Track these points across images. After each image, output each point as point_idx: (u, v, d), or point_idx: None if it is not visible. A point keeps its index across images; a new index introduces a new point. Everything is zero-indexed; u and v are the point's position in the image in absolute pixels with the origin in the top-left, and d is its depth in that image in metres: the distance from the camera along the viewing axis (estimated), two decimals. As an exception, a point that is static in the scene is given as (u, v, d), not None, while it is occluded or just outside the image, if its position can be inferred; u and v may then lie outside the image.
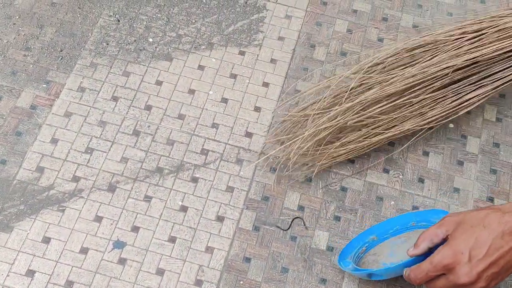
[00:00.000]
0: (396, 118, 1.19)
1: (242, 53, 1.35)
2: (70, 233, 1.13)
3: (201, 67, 1.32)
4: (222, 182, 1.20)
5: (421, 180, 1.24)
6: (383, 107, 1.18)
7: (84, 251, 1.12)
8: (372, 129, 1.19)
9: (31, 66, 1.29)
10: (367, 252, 1.13)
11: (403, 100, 1.18)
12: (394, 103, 1.18)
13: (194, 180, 1.20)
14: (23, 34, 1.33)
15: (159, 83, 1.30)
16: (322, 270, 1.14)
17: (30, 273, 1.09)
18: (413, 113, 1.20)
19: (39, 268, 1.10)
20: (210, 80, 1.31)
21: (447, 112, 1.21)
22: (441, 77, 1.19)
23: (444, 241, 0.97)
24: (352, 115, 1.17)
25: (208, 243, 1.15)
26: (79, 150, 1.22)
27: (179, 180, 1.20)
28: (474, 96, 1.21)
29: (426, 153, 1.26)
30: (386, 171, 1.23)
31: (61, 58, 1.30)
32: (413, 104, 1.19)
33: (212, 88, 1.30)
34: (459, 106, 1.21)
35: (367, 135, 1.20)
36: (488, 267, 0.90)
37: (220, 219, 1.17)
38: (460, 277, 0.91)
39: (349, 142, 1.19)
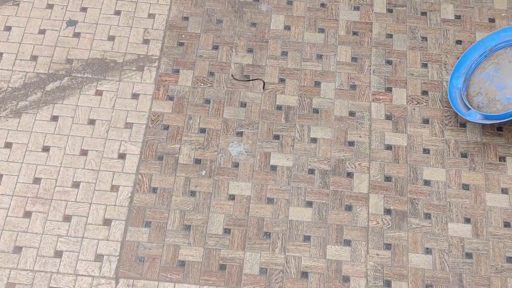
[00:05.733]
0: None
1: None
2: (27, 20, 1.29)
3: None
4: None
5: None
6: None
7: (42, 32, 1.28)
8: None
9: None
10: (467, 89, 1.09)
11: None
12: None
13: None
14: None
15: None
16: (252, 17, 1.30)
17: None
18: None
19: (5, 50, 1.26)
20: None
21: None
22: None
23: None
24: None
25: (150, 10, 1.30)
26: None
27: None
28: None
29: None
30: None
31: None
32: None
33: None
34: None
35: None
36: None
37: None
38: None
39: None
